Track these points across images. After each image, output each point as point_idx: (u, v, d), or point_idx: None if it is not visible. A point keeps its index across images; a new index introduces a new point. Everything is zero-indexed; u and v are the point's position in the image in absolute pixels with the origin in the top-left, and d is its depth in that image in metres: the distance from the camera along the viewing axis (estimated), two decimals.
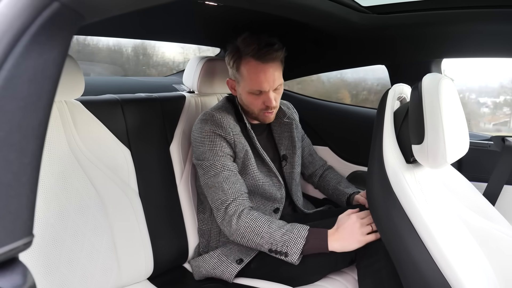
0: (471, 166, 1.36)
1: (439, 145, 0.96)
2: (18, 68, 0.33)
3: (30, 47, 0.34)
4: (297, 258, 1.14)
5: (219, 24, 1.44)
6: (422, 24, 1.22)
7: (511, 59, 2.49)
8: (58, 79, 0.37)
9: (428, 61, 1.44)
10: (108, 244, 1.17)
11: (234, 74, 1.31)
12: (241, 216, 1.20)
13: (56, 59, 0.36)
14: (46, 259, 1.02)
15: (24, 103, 0.34)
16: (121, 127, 1.28)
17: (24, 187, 0.34)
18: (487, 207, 1.22)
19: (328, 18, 1.16)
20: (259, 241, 1.17)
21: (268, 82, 1.25)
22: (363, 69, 1.83)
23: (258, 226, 1.17)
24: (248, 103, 1.32)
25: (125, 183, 1.25)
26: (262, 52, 1.21)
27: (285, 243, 1.14)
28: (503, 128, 3.06)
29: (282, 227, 1.17)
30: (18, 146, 0.33)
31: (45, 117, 0.36)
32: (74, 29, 0.38)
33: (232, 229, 1.20)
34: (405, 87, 1.18)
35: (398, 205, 1.00)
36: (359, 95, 2.88)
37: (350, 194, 1.51)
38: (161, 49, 2.95)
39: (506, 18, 1.13)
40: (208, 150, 1.27)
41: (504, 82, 2.93)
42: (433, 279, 0.93)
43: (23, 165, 0.34)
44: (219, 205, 1.23)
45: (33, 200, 0.35)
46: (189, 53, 2.91)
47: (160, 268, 1.32)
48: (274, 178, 1.38)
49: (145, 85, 1.79)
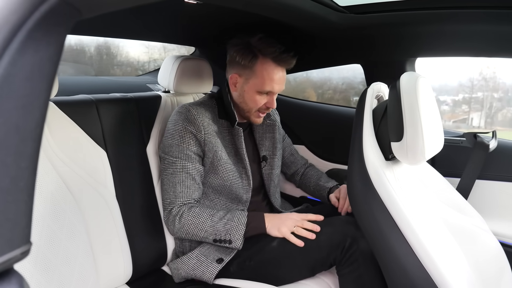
0: (445, 162, 1.41)
1: (418, 142, 0.98)
2: (14, 66, 0.31)
3: (26, 43, 0.32)
4: (240, 243, 1.22)
5: (197, 23, 1.42)
6: (397, 24, 1.25)
7: (481, 58, 2.59)
8: (54, 77, 0.35)
9: (403, 60, 1.48)
10: (85, 249, 1.13)
11: (244, 71, 1.30)
12: (183, 215, 1.25)
13: (52, 57, 0.34)
14: (20, 267, 0.97)
15: (21, 102, 0.32)
16: (96, 128, 1.24)
17: (22, 192, 0.32)
18: (461, 201, 1.27)
19: (309, 18, 1.17)
20: (203, 234, 1.25)
21: (279, 85, 1.30)
22: (328, 68, 1.87)
23: (201, 222, 1.24)
24: (251, 101, 1.32)
25: (102, 186, 1.21)
26: (283, 56, 1.26)
27: (228, 231, 1.22)
28: (462, 125, 3.19)
29: (223, 218, 1.25)
30: (16, 149, 0.31)
31: (41, 118, 0.34)
32: (69, 25, 0.36)
33: (176, 228, 1.26)
34: (383, 86, 1.21)
35: (379, 201, 1.02)
36: (324, 94, 2.93)
37: (331, 188, 1.54)
38: (125, 48, 2.89)
39: (476, 19, 1.17)
40: (175, 145, 1.29)
41: (462, 81, 3.06)
42: (415, 272, 0.95)
43: (20, 169, 0.32)
44: (166, 205, 1.29)
45: (30, 206, 0.33)
46: (154, 52, 2.87)
47: (139, 272, 1.29)
48: (245, 181, 1.37)
49: (118, 85, 1.75)
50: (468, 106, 3.13)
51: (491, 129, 1.44)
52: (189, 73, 1.53)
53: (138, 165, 1.35)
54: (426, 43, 1.36)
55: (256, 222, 1.25)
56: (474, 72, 3.05)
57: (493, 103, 3.16)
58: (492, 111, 3.20)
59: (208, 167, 1.33)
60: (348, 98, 3.14)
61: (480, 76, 3.07)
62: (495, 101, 3.15)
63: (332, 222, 1.25)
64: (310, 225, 1.23)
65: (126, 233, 1.25)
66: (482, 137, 1.37)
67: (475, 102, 3.14)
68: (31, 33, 0.32)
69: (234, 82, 1.34)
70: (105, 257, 1.18)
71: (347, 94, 3.11)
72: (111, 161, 1.26)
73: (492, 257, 1.20)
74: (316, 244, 1.19)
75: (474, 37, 1.26)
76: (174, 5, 1.13)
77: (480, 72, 3.05)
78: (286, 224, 1.23)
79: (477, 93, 3.13)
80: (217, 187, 1.34)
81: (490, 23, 1.16)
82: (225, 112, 1.38)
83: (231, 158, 1.36)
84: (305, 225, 1.23)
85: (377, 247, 1.05)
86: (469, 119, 3.20)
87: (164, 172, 1.31)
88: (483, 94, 3.12)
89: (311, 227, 1.23)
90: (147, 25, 1.41)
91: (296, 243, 1.20)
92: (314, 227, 1.23)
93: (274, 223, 1.25)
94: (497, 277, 1.17)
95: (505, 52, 1.27)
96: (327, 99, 2.92)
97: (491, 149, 1.35)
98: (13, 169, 0.31)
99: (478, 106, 3.17)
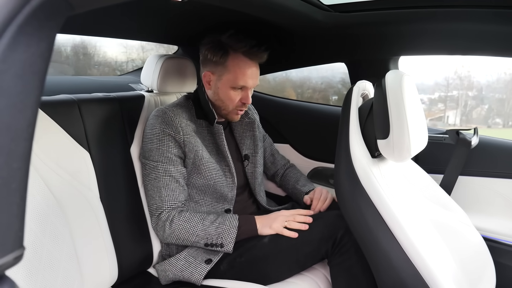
0: (428, 159, 1.43)
1: (404, 139, 0.99)
2: (5, 62, 0.29)
3: (17, 38, 0.30)
4: (231, 247, 1.22)
5: (181, 22, 1.40)
6: (381, 23, 1.26)
7: (456, 57, 2.64)
8: (45, 75, 0.34)
9: (387, 58, 1.49)
10: (69, 252, 1.10)
11: (216, 68, 1.30)
12: (174, 220, 1.23)
13: (43, 53, 0.33)
14: None
15: (12, 101, 0.30)
16: (79, 129, 1.21)
17: (14, 195, 0.30)
18: (444, 197, 1.29)
19: (295, 16, 1.17)
20: (194, 239, 1.23)
21: (252, 79, 1.30)
22: (307, 68, 1.89)
23: (192, 226, 1.23)
24: (226, 98, 1.32)
25: (86, 188, 1.18)
26: (253, 50, 1.27)
27: (219, 235, 1.22)
28: (439, 123, 3.27)
29: (214, 221, 1.24)
30: (7, 150, 0.30)
31: (33, 117, 0.32)
32: (61, 20, 0.34)
33: (166, 233, 1.24)
34: (368, 84, 1.22)
35: (366, 198, 1.03)
36: (304, 93, 2.95)
37: (306, 192, 1.54)
38: (103, 48, 2.84)
39: (456, 18, 1.19)
40: (155, 148, 1.27)
41: (438, 80, 3.13)
42: (403, 268, 0.97)
43: (12, 170, 0.30)
44: (153, 211, 1.27)
45: (23, 208, 0.31)
46: (132, 52, 2.83)
47: (125, 275, 1.27)
48: (229, 179, 1.37)
49: (100, 85, 1.71)
50: (444, 104, 3.20)
51: (467, 126, 1.47)
52: (173, 72, 1.51)
53: (122, 166, 1.33)
54: (409, 41, 1.38)
55: (248, 225, 1.25)
56: (449, 71, 3.12)
57: (467, 101, 3.24)
58: (467, 109, 3.28)
59: (191, 167, 1.31)
60: (327, 97, 3.17)
61: (455, 75, 3.15)
62: (469, 99, 3.23)
63: (323, 216, 1.27)
64: (302, 218, 1.25)
65: (111, 236, 1.22)
66: (465, 134, 1.40)
67: (450, 100, 3.21)
68: (22, 28, 0.30)
69: (208, 80, 1.34)
70: (90, 260, 1.15)
71: (326, 93, 3.14)
72: (95, 162, 1.23)
73: (475, 251, 1.22)
74: (307, 238, 1.20)
75: (455, 35, 1.29)
76: (159, 3, 1.11)
77: (455, 71, 3.13)
78: (277, 220, 1.24)
79: (452, 92, 3.20)
80: (201, 187, 1.33)
81: (470, 22, 1.18)
82: (202, 112, 1.37)
83: (213, 156, 1.35)
84: (297, 219, 1.24)
85: (365, 244, 1.05)
86: (445, 117, 3.27)
87: (146, 178, 1.29)
88: (458, 92, 3.20)
89: (304, 220, 1.24)
90: (131, 24, 1.39)
91: (290, 235, 1.20)
92: (306, 219, 1.24)
93: (265, 222, 1.25)
94: (480, 271, 1.20)
95: (486, 50, 1.30)
96: (306, 98, 2.94)
97: (473, 146, 1.38)
98: (5, 170, 0.30)
99: (453, 104, 3.24)
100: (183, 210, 1.27)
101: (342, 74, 2.95)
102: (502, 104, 3.23)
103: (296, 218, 1.25)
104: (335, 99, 3.10)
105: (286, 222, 1.24)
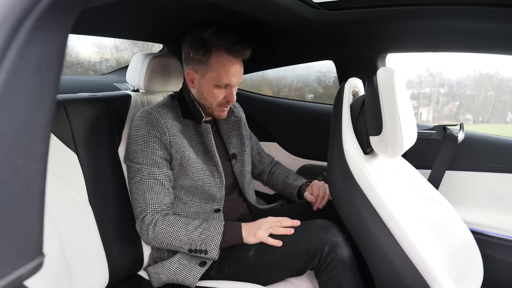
0: (416, 154, 1.45)
1: (397, 135, 1.00)
2: (22, 58, 0.28)
3: (34, 33, 0.28)
4: (216, 254, 1.18)
5: (167, 19, 1.38)
6: (370, 20, 1.27)
7: (429, 55, 2.68)
8: (61, 72, 0.32)
9: (375, 56, 1.51)
10: (58, 257, 1.06)
11: (199, 66, 1.27)
12: (157, 224, 1.21)
13: (59, 48, 0.31)
14: None
15: (29, 99, 0.28)
16: (65, 129, 1.18)
17: (34, 198, 0.29)
18: (433, 191, 1.31)
19: (284, 13, 1.16)
20: (178, 244, 1.20)
21: (236, 77, 1.27)
22: (283, 67, 1.89)
23: (176, 231, 1.20)
24: (210, 96, 1.29)
25: (74, 190, 1.15)
26: (236, 47, 1.24)
27: (203, 241, 1.18)
28: None
29: (198, 227, 1.21)
30: (26, 151, 0.28)
31: (50, 116, 0.31)
32: (76, 14, 0.33)
33: (150, 237, 1.22)
34: (358, 81, 1.23)
35: (361, 194, 1.03)
36: (280, 92, 2.97)
37: (300, 186, 1.53)
38: (75, 48, 2.79)
39: (443, 15, 1.21)
40: (140, 150, 1.24)
41: (411, 77, 3.20)
42: (399, 262, 0.98)
43: (31, 173, 0.29)
44: (138, 214, 1.24)
45: (42, 212, 0.30)
46: (106, 52, 2.80)
47: (116, 278, 1.24)
48: (217, 178, 1.35)
49: (84, 84, 1.67)
50: (417, 101, 3.27)
51: (439, 123, 1.50)
52: (159, 71, 1.48)
53: (111, 166, 1.29)
54: (396, 39, 1.39)
55: (232, 233, 1.21)
56: (421, 68, 3.20)
57: (439, 98, 3.32)
58: (439, 105, 3.36)
59: (178, 169, 1.29)
60: (303, 96, 3.20)
61: (427, 72, 3.23)
62: (441, 96, 3.32)
63: (309, 229, 1.20)
64: (288, 223, 1.21)
65: (101, 239, 1.19)
66: (452, 130, 1.43)
67: (423, 97, 3.28)
68: (38, 23, 0.29)
69: (191, 79, 1.31)
70: (80, 265, 1.12)
71: (302, 92, 3.17)
72: (83, 164, 1.20)
73: (464, 245, 1.25)
74: (293, 252, 1.16)
75: (441, 33, 1.31)
76: (147, 2, 1.09)
77: (427, 68, 3.20)
78: (262, 228, 1.20)
79: (425, 89, 3.28)
80: (189, 188, 1.31)
81: (456, 20, 1.21)
82: (188, 111, 1.34)
83: (200, 157, 1.33)
84: (283, 224, 1.21)
85: (362, 240, 1.06)
86: (418, 114, 3.34)
87: (131, 180, 1.26)
88: (431, 89, 3.27)
89: (290, 224, 1.21)
90: (116, 22, 1.35)
91: (274, 244, 1.17)
92: (293, 223, 1.21)
93: (251, 230, 1.21)
94: (469, 263, 1.22)
95: (471, 47, 1.33)
96: (283, 97, 2.96)
97: (459, 141, 1.41)
98: (25, 173, 0.28)
99: (426, 101, 3.32)
100: (168, 213, 1.24)
101: (317, 73, 2.98)
102: (472, 101, 3.32)
103: (283, 223, 1.21)
104: (311, 98, 3.13)
105: (271, 228, 1.20)
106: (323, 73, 2.88)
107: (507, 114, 3.33)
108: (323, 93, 3.04)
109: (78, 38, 3.01)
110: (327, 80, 2.87)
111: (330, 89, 2.73)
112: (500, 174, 1.43)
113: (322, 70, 2.89)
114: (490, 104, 3.28)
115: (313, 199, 1.43)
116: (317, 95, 3.13)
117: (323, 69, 2.87)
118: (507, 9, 1.07)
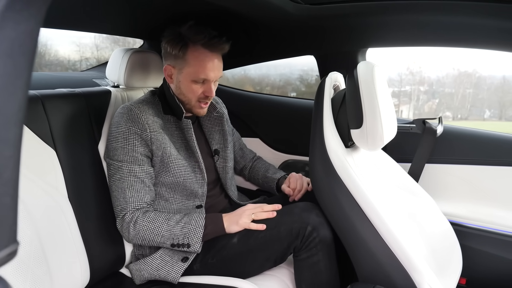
0: (396, 148, 1.47)
1: (377, 128, 1.02)
2: None
3: (6, 14, 0.28)
4: (199, 246, 1.19)
5: (146, 14, 1.36)
6: (350, 15, 1.28)
7: (414, 53, 2.73)
8: (35, 56, 0.31)
9: (355, 50, 1.52)
10: (37, 256, 1.04)
11: (176, 61, 1.26)
12: (138, 221, 1.20)
13: (32, 32, 0.30)
14: None
15: (1, 82, 0.28)
16: (43, 126, 1.15)
17: (7, 185, 0.28)
18: (413, 184, 1.34)
19: (265, 7, 1.16)
20: (160, 240, 1.20)
21: (214, 72, 1.26)
22: (265, 65, 1.89)
23: (157, 227, 1.20)
24: (188, 91, 1.28)
25: (53, 188, 1.13)
26: (213, 42, 1.22)
27: (185, 235, 1.19)
28: None
29: (180, 221, 1.21)
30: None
31: (23, 101, 0.30)
32: None
33: (131, 235, 1.21)
34: (339, 76, 1.24)
35: (343, 187, 1.04)
36: (263, 90, 2.98)
37: (278, 179, 1.54)
38: (54, 47, 2.75)
39: (424, 9, 1.23)
40: (120, 147, 1.23)
41: (392, 76, 3.25)
42: (380, 253, 0.99)
43: (4, 159, 0.28)
44: (118, 212, 1.23)
45: (16, 200, 0.29)
46: (86, 51, 2.77)
47: (97, 276, 1.22)
48: (198, 175, 1.34)
49: (63, 80, 1.63)
50: (398, 99, 3.32)
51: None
52: (140, 66, 1.47)
53: (90, 163, 1.27)
54: (377, 33, 1.41)
55: (214, 224, 1.21)
56: (402, 67, 3.25)
57: (420, 95, 3.39)
58: (419, 103, 3.42)
59: (159, 166, 1.28)
60: (286, 94, 3.22)
61: (407, 70, 3.28)
62: (421, 94, 3.38)
63: (291, 210, 1.24)
64: (269, 207, 1.23)
65: (82, 237, 1.17)
66: (431, 123, 1.46)
67: (403, 95, 3.34)
68: (11, 3, 0.28)
69: (169, 74, 1.30)
70: (60, 263, 1.10)
71: (285, 90, 3.19)
72: (62, 161, 1.17)
73: (443, 236, 1.28)
74: (276, 235, 1.18)
75: (422, 27, 1.33)
76: None
77: (408, 67, 3.26)
78: (243, 215, 1.22)
79: (405, 87, 3.34)
80: (170, 184, 1.30)
81: (437, 14, 1.22)
82: (169, 107, 1.33)
83: (181, 153, 1.32)
84: (264, 208, 1.23)
85: (343, 231, 1.07)
86: (399, 112, 3.40)
87: (111, 178, 1.24)
88: (411, 87, 3.33)
89: (272, 208, 1.23)
90: (95, 16, 1.33)
91: (258, 228, 1.19)
92: (274, 207, 1.23)
93: (232, 220, 1.22)
94: (448, 254, 1.25)
95: (452, 41, 1.35)
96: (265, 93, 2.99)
97: (438, 134, 1.44)
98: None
99: (406, 99, 3.38)
100: (148, 210, 1.23)
101: (300, 71, 3.00)
102: (451, 98, 3.40)
103: (264, 208, 1.23)
104: (294, 96, 3.16)
105: (253, 214, 1.21)
106: (305, 72, 2.90)
107: (485, 111, 3.41)
108: (305, 91, 3.07)
109: (56, 36, 2.95)
110: (309, 79, 2.89)
111: (313, 87, 2.75)
112: (477, 166, 1.47)
113: (304, 69, 2.91)
114: (469, 101, 3.35)
115: (290, 192, 1.44)
116: (300, 93, 3.15)
117: (305, 68, 2.89)
118: (487, 4, 1.09)
